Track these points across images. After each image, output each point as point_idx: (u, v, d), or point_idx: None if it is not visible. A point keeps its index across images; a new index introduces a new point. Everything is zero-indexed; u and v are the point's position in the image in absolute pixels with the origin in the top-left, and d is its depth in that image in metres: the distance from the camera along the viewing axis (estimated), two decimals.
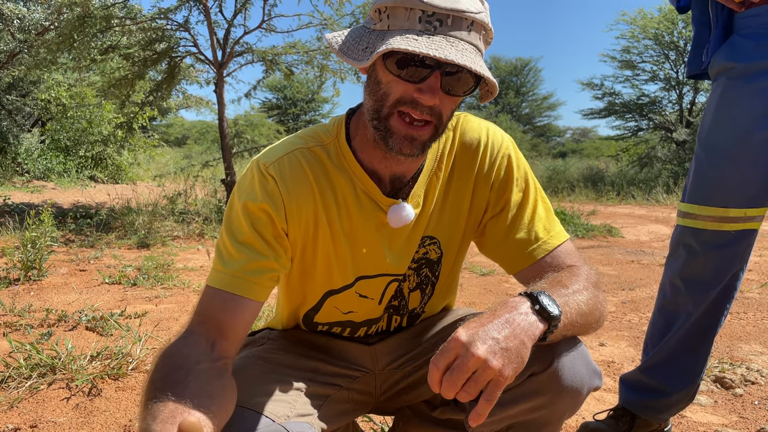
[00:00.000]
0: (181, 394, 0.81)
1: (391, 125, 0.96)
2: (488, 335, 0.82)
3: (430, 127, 0.97)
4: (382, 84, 0.96)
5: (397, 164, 1.07)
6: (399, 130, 0.96)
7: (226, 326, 0.97)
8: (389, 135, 0.97)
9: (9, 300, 3.08)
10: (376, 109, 0.98)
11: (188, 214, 6.73)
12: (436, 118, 0.96)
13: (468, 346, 0.81)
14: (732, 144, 1.51)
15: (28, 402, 1.89)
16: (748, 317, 3.19)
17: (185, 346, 0.93)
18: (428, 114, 0.95)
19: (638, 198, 12.58)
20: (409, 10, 0.91)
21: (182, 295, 3.48)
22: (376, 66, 0.98)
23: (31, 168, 11.93)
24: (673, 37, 16.21)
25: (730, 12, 1.57)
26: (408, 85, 0.94)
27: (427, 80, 0.92)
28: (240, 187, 1.06)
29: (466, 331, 0.83)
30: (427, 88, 0.92)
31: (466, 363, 0.80)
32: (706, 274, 1.58)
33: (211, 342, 0.95)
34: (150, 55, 7.13)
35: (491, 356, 0.81)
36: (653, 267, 4.78)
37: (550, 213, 1.16)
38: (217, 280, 1.00)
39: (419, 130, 0.96)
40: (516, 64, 35.63)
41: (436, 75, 0.92)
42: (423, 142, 0.97)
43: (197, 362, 0.90)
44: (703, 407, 2.01)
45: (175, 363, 0.89)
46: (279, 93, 30.50)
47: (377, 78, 0.97)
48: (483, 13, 0.94)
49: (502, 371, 0.81)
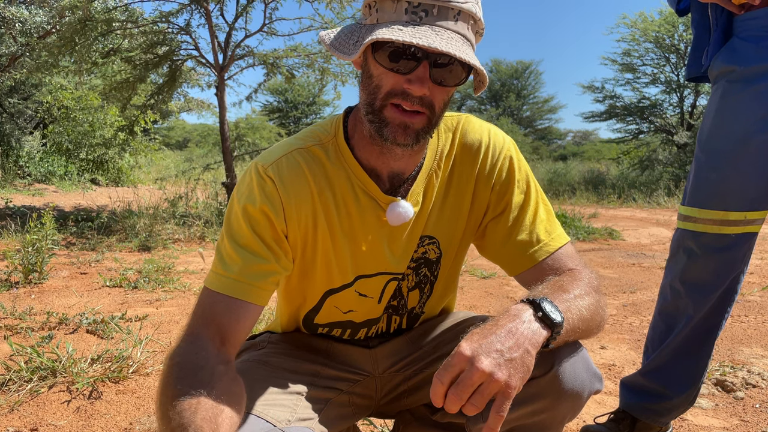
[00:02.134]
0: (209, 394, 0.83)
1: (385, 116, 0.98)
2: (492, 347, 0.82)
3: (423, 117, 0.98)
4: (374, 77, 0.98)
5: (394, 159, 1.07)
6: (393, 119, 0.97)
7: (229, 330, 0.97)
8: (384, 125, 0.98)
9: (10, 303, 3.08)
10: (369, 102, 1.00)
11: (189, 217, 6.73)
12: (427, 108, 0.97)
13: (472, 361, 0.81)
14: (732, 147, 1.51)
15: (28, 405, 1.89)
16: (749, 320, 3.18)
17: (198, 350, 0.93)
18: (419, 104, 0.96)
19: (639, 201, 12.57)
20: (396, 2, 0.93)
21: (183, 298, 3.48)
22: (367, 60, 0.99)
23: (32, 171, 11.95)
24: (673, 40, 16.22)
25: (730, 15, 1.57)
26: (398, 77, 0.95)
27: (416, 71, 0.94)
28: (239, 189, 1.06)
29: (469, 345, 0.83)
30: (416, 79, 0.93)
31: (471, 377, 0.80)
32: (706, 277, 1.58)
33: (217, 346, 0.96)
34: (151, 58, 7.14)
35: (496, 369, 0.80)
36: (654, 270, 4.78)
37: (551, 215, 1.16)
38: (219, 283, 1.00)
39: (412, 117, 0.97)
40: (517, 67, 35.64)
41: (424, 65, 0.93)
42: (416, 131, 0.98)
43: (215, 364, 0.91)
44: (704, 410, 2.01)
45: (195, 363, 0.90)
46: (280, 96, 30.52)
47: (369, 72, 0.99)
48: (471, 3, 0.94)
49: (509, 382, 0.81)
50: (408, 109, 0.96)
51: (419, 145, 1.02)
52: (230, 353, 0.98)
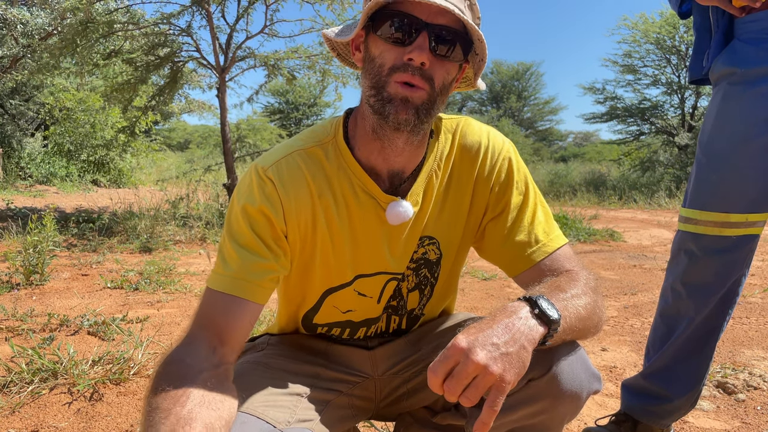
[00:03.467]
0: (183, 405, 0.82)
1: (389, 92, 1.00)
2: (488, 341, 0.82)
3: (423, 92, 1.00)
4: (376, 57, 1.01)
5: (395, 154, 1.07)
6: (396, 94, 0.99)
7: (227, 330, 0.98)
8: (387, 103, 1.00)
9: (11, 304, 3.08)
10: (373, 85, 1.01)
11: (190, 218, 6.73)
12: (427, 82, 0.99)
13: (467, 353, 0.81)
14: (733, 149, 1.51)
15: (29, 407, 1.89)
16: (751, 322, 3.18)
17: (187, 354, 0.93)
18: (419, 76, 0.98)
19: (640, 202, 12.57)
20: None
21: (184, 299, 3.48)
22: (369, 44, 1.03)
23: (33, 172, 11.98)
24: (674, 42, 16.22)
25: (731, 17, 1.57)
26: (399, 50, 0.99)
27: (416, 41, 0.97)
28: (239, 190, 1.07)
29: (465, 337, 0.83)
30: (416, 47, 0.96)
31: (466, 369, 0.80)
32: (707, 279, 1.58)
33: (212, 347, 0.95)
34: (153, 59, 7.16)
35: (491, 362, 0.80)
36: (655, 271, 4.78)
37: (549, 217, 1.17)
38: (218, 282, 1.01)
39: (414, 91, 0.99)
40: (518, 69, 35.67)
41: (423, 35, 0.97)
42: (416, 106, 0.99)
43: (199, 371, 0.90)
44: (705, 413, 2.01)
45: (178, 372, 0.89)
46: (281, 97, 30.56)
47: (371, 55, 1.02)
48: None
49: (504, 376, 0.81)
50: (409, 81, 0.98)
51: (420, 125, 1.02)
52: (228, 354, 0.98)
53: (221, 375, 0.93)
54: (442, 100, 1.04)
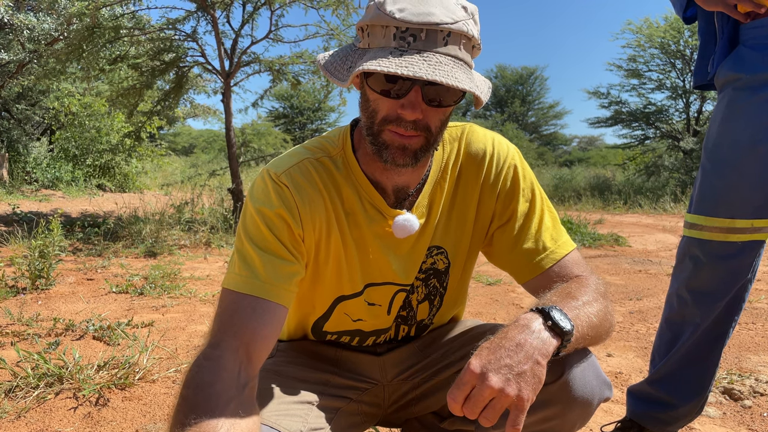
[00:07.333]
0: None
1: (384, 139, 0.99)
2: (501, 363, 0.83)
3: (421, 138, 0.98)
4: (371, 102, 0.99)
5: (398, 175, 1.08)
6: (392, 142, 0.98)
7: (255, 339, 0.93)
8: (383, 148, 0.99)
9: (17, 309, 3.09)
10: (368, 126, 1.01)
11: (195, 223, 6.75)
12: (423, 131, 0.97)
13: (482, 378, 0.82)
14: (738, 155, 1.50)
15: (35, 411, 1.89)
16: (757, 328, 3.16)
17: (217, 377, 0.88)
18: (413, 129, 0.96)
19: (645, 207, 12.53)
20: (384, 28, 0.93)
21: (189, 304, 3.49)
22: (364, 84, 1.00)
23: (39, 177, 12.03)
24: (679, 46, 16.21)
25: (736, 23, 1.57)
26: (392, 102, 0.96)
27: (408, 96, 0.94)
28: (253, 195, 1.06)
29: (478, 361, 0.83)
30: (408, 104, 0.94)
31: (482, 394, 0.81)
32: (713, 285, 1.57)
33: (239, 363, 0.91)
34: (158, 65, 7.19)
35: (506, 385, 0.81)
36: (661, 277, 4.76)
37: (556, 223, 1.16)
38: (242, 284, 0.97)
39: (410, 139, 0.98)
40: (522, 73, 35.70)
41: (415, 89, 0.93)
42: (414, 151, 0.99)
43: (228, 400, 0.86)
44: (711, 419, 2.00)
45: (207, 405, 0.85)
46: (286, 102, 30.66)
47: (366, 95, 1.00)
48: (460, 23, 0.92)
49: (520, 396, 0.81)
50: (403, 135, 0.97)
51: (420, 162, 1.02)
52: (254, 370, 0.94)
53: (248, 399, 0.90)
54: (442, 133, 1.03)
